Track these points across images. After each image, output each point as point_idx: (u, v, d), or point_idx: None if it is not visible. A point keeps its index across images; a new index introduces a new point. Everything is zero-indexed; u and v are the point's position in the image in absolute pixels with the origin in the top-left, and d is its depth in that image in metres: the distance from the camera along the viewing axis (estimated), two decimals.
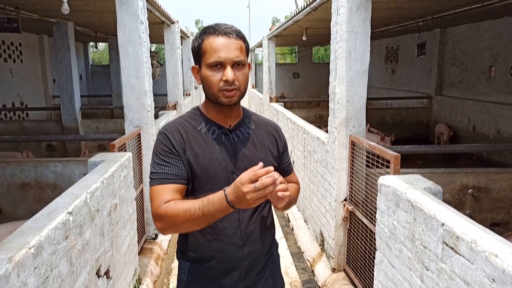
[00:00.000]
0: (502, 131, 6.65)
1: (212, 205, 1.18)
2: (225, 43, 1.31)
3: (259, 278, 1.51)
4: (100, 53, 29.75)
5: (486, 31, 7.19)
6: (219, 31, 1.33)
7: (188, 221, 1.23)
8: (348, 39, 3.13)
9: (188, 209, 1.22)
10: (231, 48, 1.32)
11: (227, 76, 1.31)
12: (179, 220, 1.24)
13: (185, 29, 9.49)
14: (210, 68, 1.33)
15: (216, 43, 1.32)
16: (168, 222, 1.27)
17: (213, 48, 1.31)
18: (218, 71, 1.32)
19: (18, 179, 3.80)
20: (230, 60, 1.31)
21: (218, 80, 1.32)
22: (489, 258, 1.38)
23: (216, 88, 1.33)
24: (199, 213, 1.20)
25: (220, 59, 1.31)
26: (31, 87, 9.02)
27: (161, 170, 1.34)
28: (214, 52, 1.31)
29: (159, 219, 1.29)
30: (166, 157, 1.36)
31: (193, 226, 1.26)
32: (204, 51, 1.33)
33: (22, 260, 1.42)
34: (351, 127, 3.30)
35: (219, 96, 1.34)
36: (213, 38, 1.32)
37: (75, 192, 2.15)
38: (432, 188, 2.10)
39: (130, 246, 3.11)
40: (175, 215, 1.24)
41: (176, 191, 1.32)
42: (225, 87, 1.32)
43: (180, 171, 1.35)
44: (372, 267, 2.66)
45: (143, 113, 3.93)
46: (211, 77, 1.33)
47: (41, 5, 4.98)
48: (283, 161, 1.56)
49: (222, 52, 1.31)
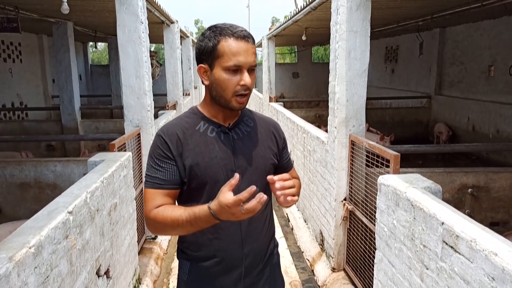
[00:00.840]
0: (502, 131, 6.65)
1: (199, 219, 1.22)
2: (244, 47, 1.30)
3: (259, 277, 1.51)
4: (100, 53, 29.72)
5: (486, 30, 7.19)
6: (238, 35, 1.31)
7: (177, 229, 1.30)
8: (347, 38, 3.13)
9: (176, 219, 1.26)
10: (249, 53, 1.31)
11: (246, 81, 1.31)
12: (167, 227, 1.30)
13: (184, 29, 9.49)
14: (226, 71, 1.31)
15: (236, 46, 1.30)
16: (157, 227, 1.33)
17: (233, 52, 1.29)
18: (235, 75, 1.31)
19: (18, 179, 3.80)
20: (248, 65, 1.31)
21: (235, 84, 1.31)
22: (488, 257, 1.38)
23: (231, 92, 1.32)
24: (187, 224, 1.24)
25: (239, 63, 1.30)
26: (30, 87, 9.01)
27: (155, 174, 1.37)
28: (233, 56, 1.29)
29: (149, 223, 1.35)
30: (161, 161, 1.37)
31: (182, 232, 1.34)
32: (222, 53, 1.30)
33: (22, 259, 1.42)
34: (350, 127, 3.30)
35: (231, 100, 1.34)
36: (232, 41, 1.30)
37: (75, 191, 2.15)
38: (431, 187, 2.10)
39: (130, 246, 3.11)
40: (164, 222, 1.29)
41: (167, 195, 1.36)
42: (241, 91, 1.32)
43: (172, 177, 1.37)
44: (372, 267, 2.66)
45: (143, 113, 3.93)
46: (228, 80, 1.31)
47: (41, 5, 4.98)
48: (283, 158, 1.56)
49: (242, 56, 1.30)
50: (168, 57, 7.30)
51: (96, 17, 6.20)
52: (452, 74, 8.30)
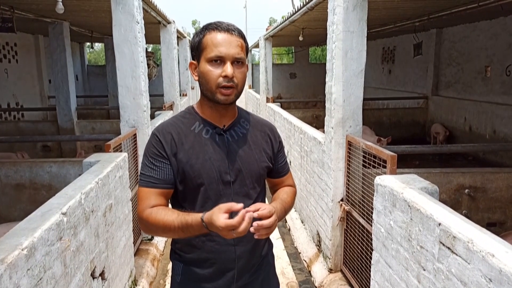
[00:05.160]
0: (498, 131, 6.67)
1: (191, 227, 1.23)
2: (226, 39, 1.31)
3: (253, 278, 1.50)
4: (96, 53, 29.64)
5: (482, 31, 7.21)
6: (222, 27, 1.33)
7: (168, 233, 1.30)
8: (344, 38, 3.13)
9: (168, 225, 1.26)
10: (233, 45, 1.31)
11: (227, 72, 1.30)
12: (159, 230, 1.30)
13: (182, 30, 9.47)
14: (209, 63, 1.31)
15: (218, 38, 1.31)
16: (148, 228, 1.34)
17: (214, 43, 1.30)
18: (218, 67, 1.31)
19: (13, 180, 3.77)
20: (230, 56, 1.31)
21: (217, 76, 1.31)
22: (485, 258, 1.37)
23: (214, 84, 1.32)
24: (178, 230, 1.25)
25: (221, 54, 1.30)
26: (26, 87, 8.96)
27: (149, 173, 1.36)
28: (215, 47, 1.30)
29: (141, 222, 1.35)
30: (155, 160, 1.36)
31: (174, 236, 1.35)
32: (205, 46, 1.32)
33: (14, 261, 1.40)
34: (347, 127, 3.29)
35: (216, 92, 1.33)
36: (215, 33, 1.32)
37: (70, 192, 2.13)
38: (428, 188, 2.10)
39: (125, 247, 3.09)
40: (156, 225, 1.29)
41: (161, 195, 1.36)
42: (224, 83, 1.31)
43: (166, 176, 1.36)
44: (369, 268, 2.65)
45: (139, 113, 3.91)
46: (210, 72, 1.31)
47: (36, 5, 4.94)
48: (278, 161, 1.55)
49: (224, 47, 1.30)
50: (165, 57, 7.28)
51: (92, 17, 6.18)
52: (448, 74, 8.32)
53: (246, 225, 1.12)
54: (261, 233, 1.19)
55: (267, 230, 1.20)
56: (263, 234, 1.20)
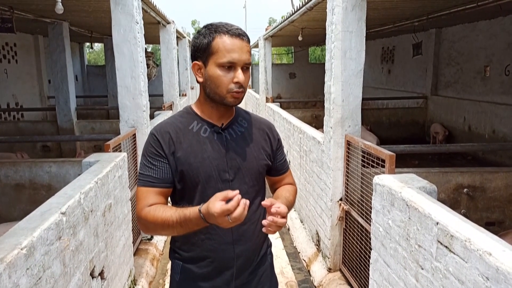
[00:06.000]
0: (497, 131, 6.68)
1: (189, 221, 1.22)
2: (238, 45, 1.31)
3: (252, 277, 1.50)
4: (96, 54, 29.66)
5: (481, 31, 7.22)
6: (233, 32, 1.32)
7: (167, 230, 1.30)
8: (343, 38, 3.13)
9: (167, 220, 1.26)
10: (244, 51, 1.32)
11: (239, 78, 1.31)
12: (158, 227, 1.30)
13: (181, 30, 9.47)
14: (220, 68, 1.31)
15: (231, 43, 1.31)
16: (148, 227, 1.33)
17: (227, 48, 1.30)
18: (228, 72, 1.32)
19: (13, 180, 3.78)
20: (242, 62, 1.32)
21: (229, 81, 1.32)
22: (483, 257, 1.38)
23: (226, 89, 1.32)
24: (177, 225, 1.25)
25: (233, 60, 1.30)
26: (26, 87, 8.97)
27: (147, 172, 1.37)
28: (227, 52, 1.30)
29: (140, 221, 1.35)
30: (153, 160, 1.37)
31: (173, 233, 1.34)
32: (216, 50, 1.31)
33: (13, 261, 1.40)
34: (346, 127, 3.30)
35: (226, 96, 1.34)
36: (227, 38, 1.31)
37: (69, 192, 2.13)
38: (427, 187, 2.10)
39: (125, 247, 3.09)
40: (154, 222, 1.29)
41: (160, 194, 1.37)
42: (235, 89, 1.32)
43: (165, 175, 1.37)
44: (367, 267, 2.66)
45: (138, 113, 3.92)
46: (222, 77, 1.32)
47: (36, 5, 4.95)
48: (277, 159, 1.55)
49: (236, 53, 1.30)
50: (165, 57, 7.29)
51: (91, 18, 6.18)
52: (448, 74, 8.33)
53: (241, 210, 1.11)
54: (272, 229, 1.22)
55: (277, 228, 1.23)
56: (272, 230, 1.22)
